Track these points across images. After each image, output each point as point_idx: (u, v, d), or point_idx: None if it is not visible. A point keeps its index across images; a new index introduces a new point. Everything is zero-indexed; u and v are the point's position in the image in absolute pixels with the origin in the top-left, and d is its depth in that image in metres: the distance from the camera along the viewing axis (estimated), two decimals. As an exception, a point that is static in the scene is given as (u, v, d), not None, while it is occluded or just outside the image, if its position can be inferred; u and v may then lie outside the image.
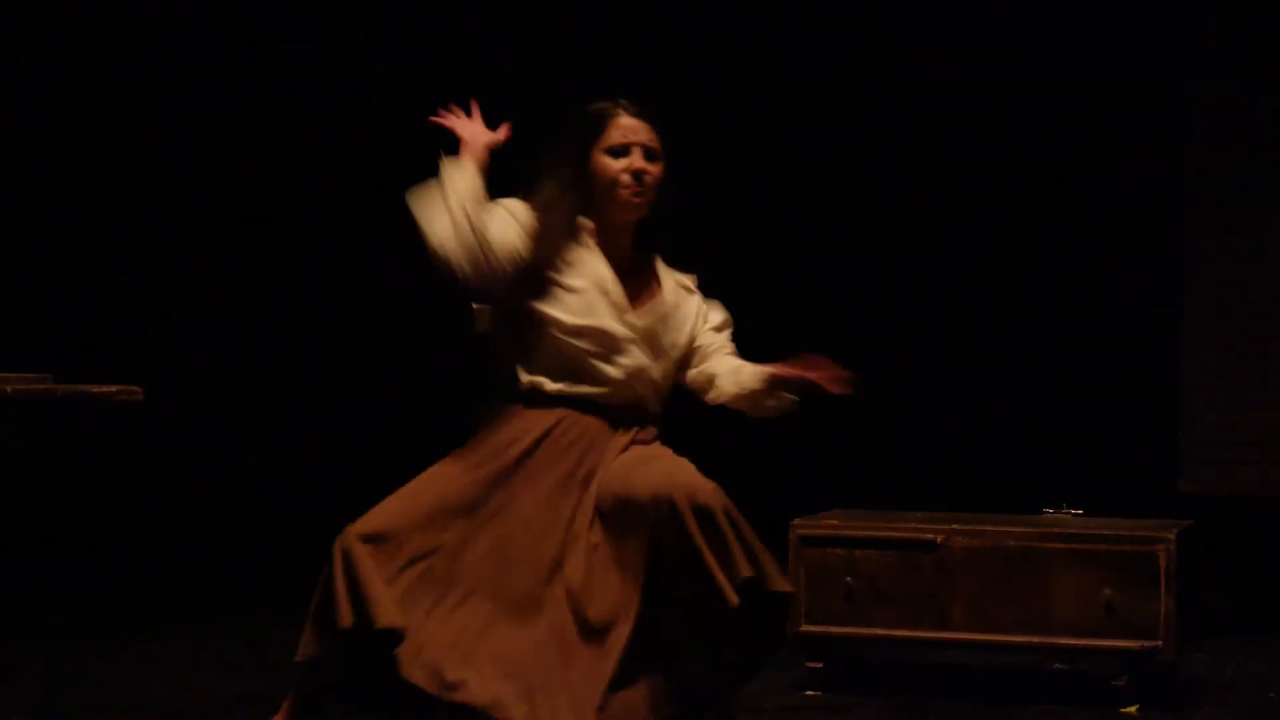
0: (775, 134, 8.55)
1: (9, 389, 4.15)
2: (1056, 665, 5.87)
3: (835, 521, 5.52)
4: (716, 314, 4.31)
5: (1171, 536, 5.25)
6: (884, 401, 8.25)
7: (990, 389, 8.09)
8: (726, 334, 4.30)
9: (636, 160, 4.11)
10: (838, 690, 5.41)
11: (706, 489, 3.92)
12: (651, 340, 4.16)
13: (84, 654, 5.66)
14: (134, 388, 4.39)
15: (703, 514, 3.89)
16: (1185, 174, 7.08)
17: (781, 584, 3.95)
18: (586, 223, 4.16)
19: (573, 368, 4.12)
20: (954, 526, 5.40)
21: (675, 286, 4.24)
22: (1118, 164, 7.84)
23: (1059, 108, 7.98)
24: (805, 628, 5.42)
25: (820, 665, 5.46)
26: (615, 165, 4.11)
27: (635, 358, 4.13)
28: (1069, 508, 5.71)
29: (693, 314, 4.24)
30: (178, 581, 7.76)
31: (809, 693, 5.38)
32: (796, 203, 8.49)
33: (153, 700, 5.13)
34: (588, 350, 4.11)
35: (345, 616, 3.89)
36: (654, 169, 4.13)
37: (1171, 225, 7.29)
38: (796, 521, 5.46)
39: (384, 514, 4.01)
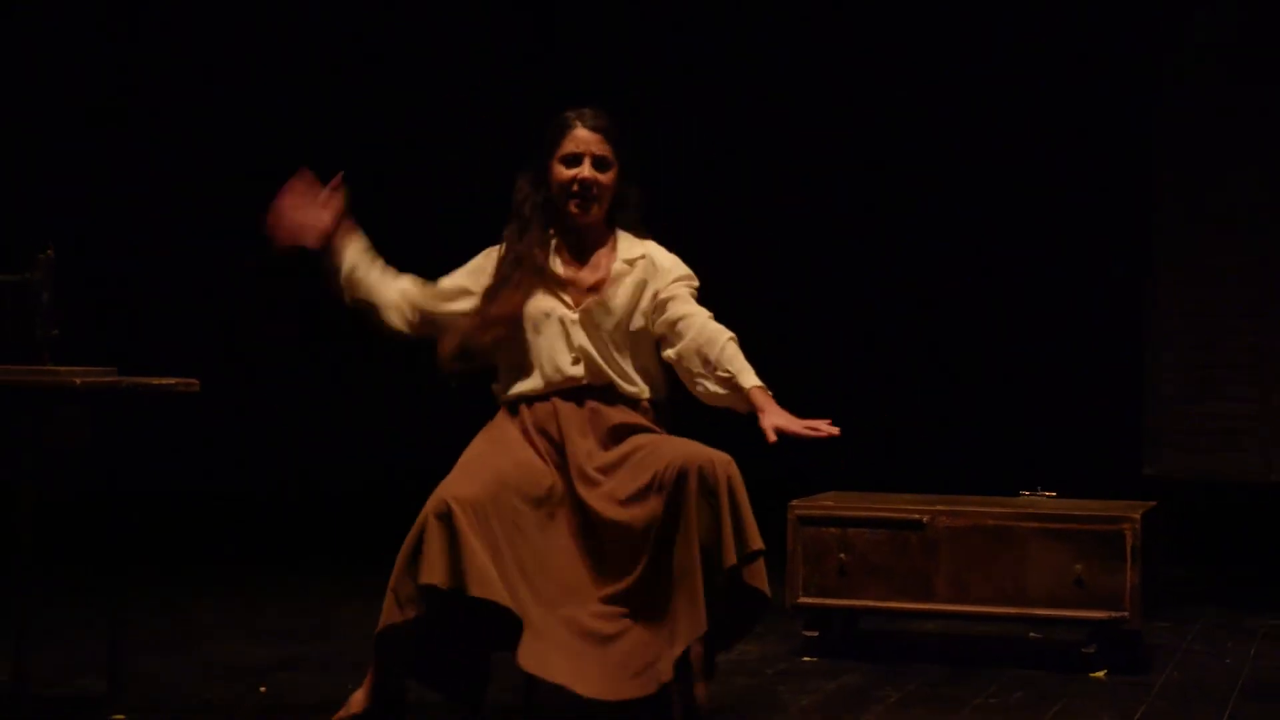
0: (761, 132, 8.52)
1: (78, 381, 4.16)
2: (1031, 633, 5.86)
3: (830, 502, 5.51)
4: (670, 270, 4.22)
5: (1137, 516, 5.25)
6: (875, 394, 8.26)
7: (972, 383, 8.09)
8: (681, 284, 4.22)
9: (585, 170, 4.17)
10: (832, 656, 5.40)
11: (727, 462, 3.96)
12: (597, 320, 4.16)
13: (146, 621, 5.66)
14: (191, 380, 4.40)
15: (730, 485, 3.93)
16: (1152, 180, 7.06)
17: (760, 581, 3.98)
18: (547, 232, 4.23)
19: (535, 365, 4.17)
20: (938, 507, 5.40)
21: (621, 262, 4.21)
22: (1088, 172, 7.83)
23: (1032, 115, 7.96)
24: (802, 599, 5.42)
25: (816, 633, 5.46)
26: (566, 173, 4.17)
27: (579, 339, 4.15)
28: (1043, 490, 5.71)
29: (638, 281, 4.19)
30: (232, 555, 7.77)
31: (805, 658, 5.38)
32: (784, 202, 8.47)
33: (208, 663, 5.13)
34: (541, 343, 4.16)
35: (441, 577, 3.82)
36: (603, 177, 4.18)
37: (1137, 230, 7.28)
38: (794, 502, 5.45)
39: (465, 485, 3.95)
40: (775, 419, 3.99)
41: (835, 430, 3.98)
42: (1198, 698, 4.87)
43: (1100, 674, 5.19)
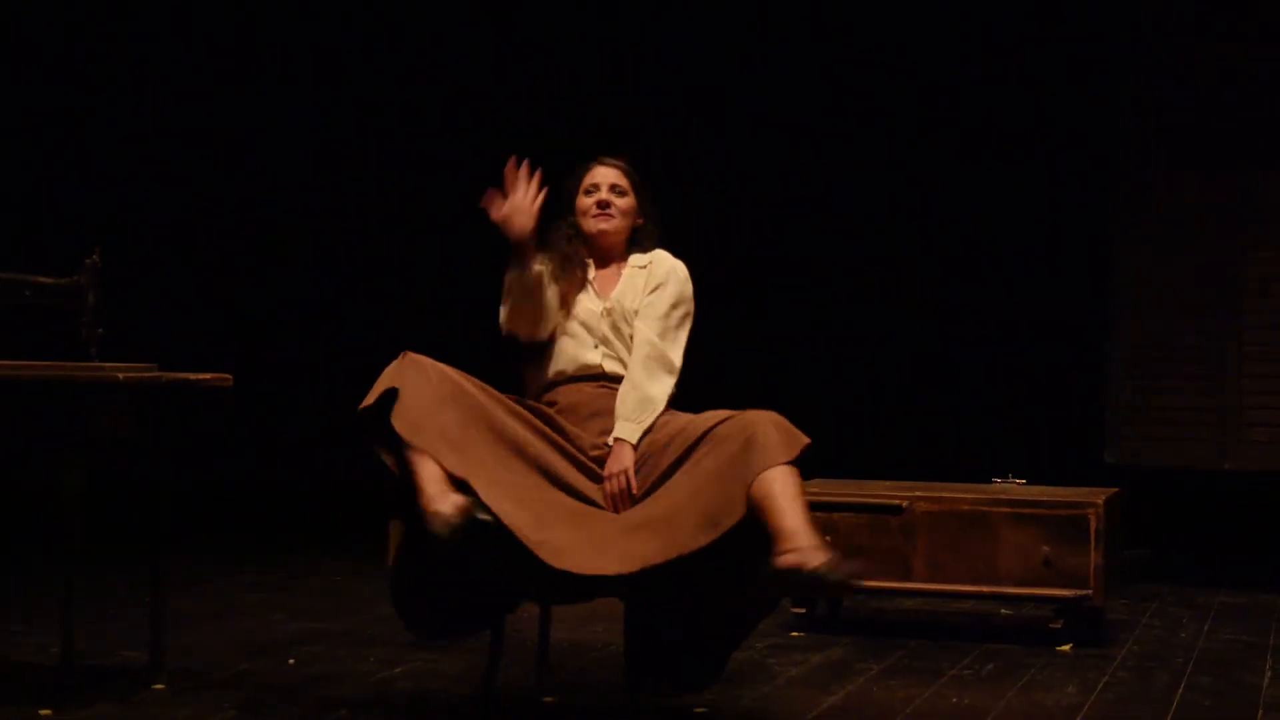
0: (743, 131, 8.51)
1: (121, 376, 4.16)
2: (1002, 610, 5.87)
3: (816, 488, 5.51)
4: (658, 283, 4.25)
5: (1100, 501, 5.26)
6: (860, 389, 8.26)
7: (947, 379, 8.10)
8: (654, 299, 4.23)
9: (600, 194, 4.29)
10: (818, 631, 5.41)
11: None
12: (615, 316, 4.21)
13: (184, 597, 5.67)
14: (225, 375, 4.40)
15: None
16: (1110, 186, 7.04)
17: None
18: (582, 256, 4.31)
19: (561, 351, 4.21)
20: (916, 493, 5.40)
21: (632, 268, 4.30)
22: (1051, 177, 7.83)
23: (998, 117, 7.95)
24: (791, 578, 5.41)
25: (804, 610, 5.46)
26: (586, 201, 4.31)
27: (602, 329, 4.20)
28: (1013, 477, 5.71)
29: (641, 283, 4.27)
30: (264, 538, 7.78)
31: (794, 633, 5.38)
32: (760, 203, 8.45)
33: (240, 637, 5.14)
34: (575, 337, 4.19)
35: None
36: (620, 201, 4.30)
37: (1096, 234, 7.27)
38: (783, 488, 5.44)
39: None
40: (609, 467, 3.99)
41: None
42: (1155, 668, 4.88)
43: (1066, 647, 5.19)
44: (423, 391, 3.86)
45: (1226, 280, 6.76)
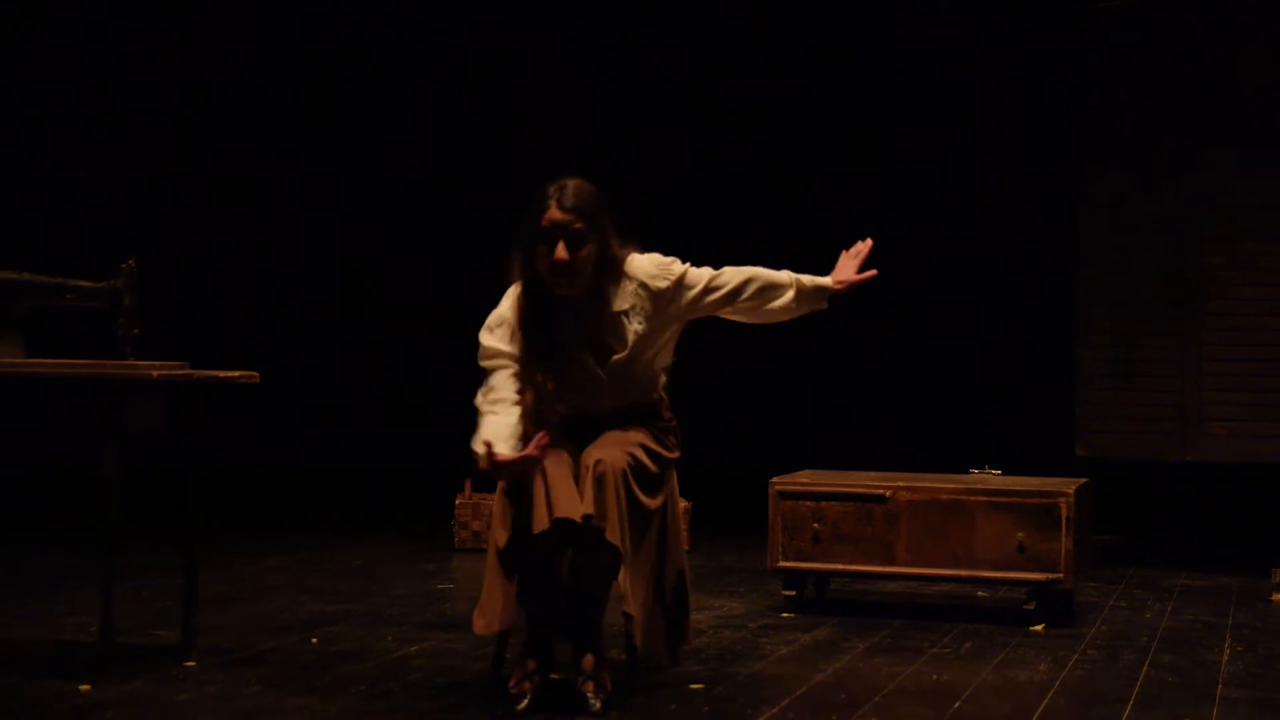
0: (731, 130, 8.50)
1: (155, 374, 4.17)
2: (979, 593, 5.88)
3: (806, 479, 5.52)
4: (682, 289, 4.01)
5: (1071, 491, 5.26)
6: (849, 387, 8.27)
7: (930, 376, 8.11)
8: (717, 284, 4.07)
9: (559, 250, 3.83)
10: (807, 612, 5.42)
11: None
12: (623, 372, 4.01)
13: (213, 581, 5.68)
14: (252, 373, 4.41)
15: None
16: (1079, 191, 7.04)
17: (612, 536, 3.81)
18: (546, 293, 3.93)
19: (564, 401, 4.06)
20: (899, 483, 5.41)
21: (617, 313, 3.96)
22: (1023, 186, 7.84)
23: (982, 130, 7.95)
24: (781, 563, 5.43)
25: (794, 593, 5.47)
26: (545, 258, 3.86)
27: (606, 390, 4.03)
28: (990, 468, 5.72)
29: (642, 319, 3.99)
30: (289, 525, 7.78)
31: (784, 614, 5.39)
32: (750, 207, 8.45)
33: (268, 616, 5.15)
34: (571, 391, 4.05)
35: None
36: (580, 254, 3.85)
37: (1066, 241, 7.28)
38: (775, 479, 5.45)
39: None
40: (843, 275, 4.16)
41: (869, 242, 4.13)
42: (1122, 647, 4.89)
43: (1039, 627, 5.20)
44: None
45: (1188, 282, 6.76)
